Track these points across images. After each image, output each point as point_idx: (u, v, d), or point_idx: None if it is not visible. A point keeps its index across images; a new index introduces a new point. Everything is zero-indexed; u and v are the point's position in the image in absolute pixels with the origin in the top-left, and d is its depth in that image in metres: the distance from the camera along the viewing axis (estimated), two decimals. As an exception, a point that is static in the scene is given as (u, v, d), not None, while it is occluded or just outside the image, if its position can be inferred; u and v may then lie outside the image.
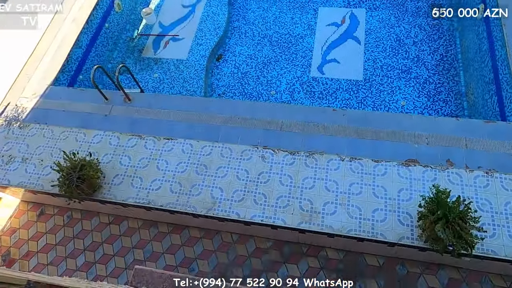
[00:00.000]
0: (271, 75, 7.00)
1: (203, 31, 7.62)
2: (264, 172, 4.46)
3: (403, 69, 6.65)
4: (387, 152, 4.40)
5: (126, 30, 7.97)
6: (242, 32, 7.75)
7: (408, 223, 3.94)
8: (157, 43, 7.66)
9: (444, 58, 6.70)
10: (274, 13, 7.92)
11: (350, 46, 7.11)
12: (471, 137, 4.40)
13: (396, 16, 7.38)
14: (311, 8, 7.83)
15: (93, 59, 6.98)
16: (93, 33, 6.96)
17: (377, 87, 6.51)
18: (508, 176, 4.05)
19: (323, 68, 6.90)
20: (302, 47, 7.26)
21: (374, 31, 7.23)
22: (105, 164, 4.80)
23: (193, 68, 7.08)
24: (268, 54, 7.29)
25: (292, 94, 6.68)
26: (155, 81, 7.09)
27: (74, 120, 5.31)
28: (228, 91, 6.92)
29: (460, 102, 6.18)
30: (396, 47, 6.94)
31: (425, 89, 6.39)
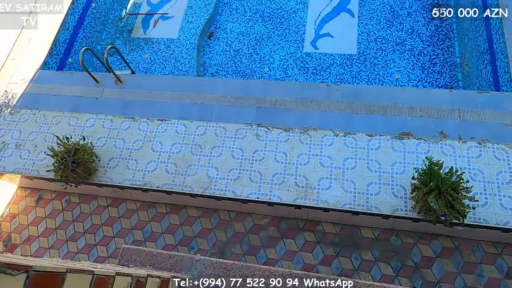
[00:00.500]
0: (264, 52, 6.88)
1: (193, 8, 7.43)
2: (259, 150, 4.47)
3: (397, 42, 6.56)
4: (381, 126, 4.41)
5: (114, 10, 7.75)
6: (233, 8, 7.56)
7: (401, 195, 3.99)
8: (146, 23, 7.48)
9: (439, 28, 6.60)
10: (260, 6, 7.70)
11: (343, 19, 6.97)
12: (465, 108, 4.39)
13: (390, -14, 7.20)
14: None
15: (81, 41, 6.83)
16: (80, 14, 6.77)
17: (371, 60, 6.44)
18: (500, 146, 4.08)
19: (317, 43, 6.79)
20: (295, 22, 7.12)
21: (367, 3, 7.06)
22: (99, 147, 4.78)
23: (184, 47, 6.95)
24: (261, 30, 7.15)
25: (286, 70, 6.60)
26: (146, 62, 6.97)
27: (66, 104, 5.25)
28: (220, 69, 6.83)
29: (454, 74, 6.13)
30: (390, 19, 6.82)
31: (419, 61, 6.32)
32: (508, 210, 3.77)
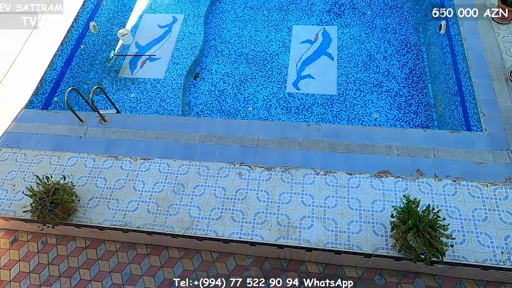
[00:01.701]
0: (248, 92, 7.12)
1: (179, 50, 7.71)
2: (241, 189, 4.50)
3: (374, 83, 6.90)
4: (360, 164, 4.53)
5: (102, 51, 7.97)
6: (218, 50, 7.89)
7: (382, 233, 4.03)
8: (133, 63, 7.69)
9: (413, 71, 7.00)
10: (250, 31, 8.12)
11: (323, 62, 7.33)
12: (439, 146, 4.58)
13: (366, 32, 7.69)
14: (285, 26, 8.07)
15: (68, 80, 6.94)
16: (68, 55, 6.93)
17: (351, 101, 6.72)
18: (474, 183, 4.22)
19: (299, 84, 7.08)
20: (278, 64, 7.45)
21: (346, 47, 7.49)
22: (80, 187, 4.72)
23: (170, 87, 7.13)
24: (245, 71, 7.43)
25: (269, 110, 6.80)
26: (132, 101, 7.09)
27: (48, 143, 5.23)
28: (206, 109, 6.98)
29: (429, 113, 6.44)
30: (367, 62, 7.21)
31: (396, 101, 6.63)
32: (485, 247, 3.83)
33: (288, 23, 8.13)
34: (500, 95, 4.89)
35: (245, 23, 8.29)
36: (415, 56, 7.21)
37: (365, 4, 8.23)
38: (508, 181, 4.22)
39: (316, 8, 8.32)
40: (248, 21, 8.31)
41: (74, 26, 7.01)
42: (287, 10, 8.39)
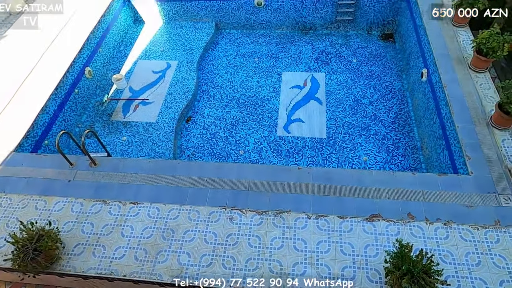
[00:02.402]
0: (239, 135, 7.22)
1: (172, 94, 7.90)
2: (232, 234, 4.41)
3: (362, 127, 7.10)
4: (352, 208, 4.53)
5: (96, 95, 8.12)
6: (210, 95, 8.11)
7: (377, 279, 3.94)
8: (126, 107, 7.82)
9: (399, 116, 7.26)
10: (241, 77, 8.42)
11: (313, 106, 7.57)
12: (428, 190, 4.64)
13: (353, 79, 8.06)
14: (275, 73, 8.41)
15: (60, 123, 6.97)
16: (62, 99, 7.03)
17: (340, 144, 6.86)
18: (464, 226, 4.24)
19: (289, 127, 7.24)
20: (268, 108, 7.65)
21: (334, 93, 7.79)
22: (65, 233, 4.57)
23: (162, 130, 7.20)
24: (236, 115, 7.60)
25: (260, 153, 6.87)
26: (123, 144, 7.10)
27: (35, 187, 5.13)
28: (197, 152, 7.02)
29: (417, 156, 6.58)
30: (354, 107, 7.47)
31: (384, 144, 6.79)
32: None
33: (278, 69, 8.49)
34: (483, 139, 5.07)
35: (236, 69, 8.62)
36: (400, 101, 7.51)
37: (351, 52, 8.70)
38: (498, 224, 4.24)
39: (304, 56, 8.75)
40: (240, 68, 8.65)
41: (70, 71, 7.18)
42: (277, 58, 8.80)
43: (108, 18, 8.68)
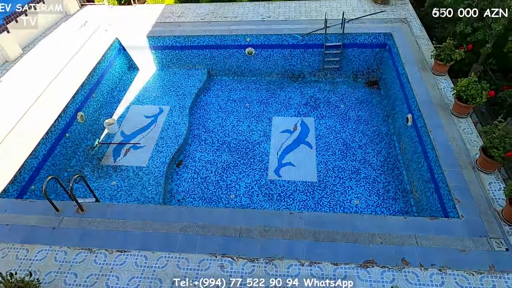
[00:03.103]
0: (230, 179, 7.20)
1: (164, 139, 7.95)
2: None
3: (352, 170, 7.17)
4: (345, 253, 4.44)
5: (87, 139, 8.11)
6: (202, 139, 8.19)
7: (374, 331, 3.77)
8: (117, 151, 7.80)
9: (387, 159, 7.39)
10: (232, 122, 8.58)
11: (303, 150, 7.68)
12: (420, 234, 4.61)
13: (341, 123, 8.28)
14: (266, 117, 8.61)
15: (48, 168, 6.88)
16: (52, 143, 7.00)
17: (331, 187, 6.87)
18: (460, 272, 4.16)
19: (280, 171, 7.27)
20: (259, 152, 7.73)
21: (323, 137, 7.96)
22: (46, 284, 4.33)
23: (152, 175, 7.14)
24: (227, 159, 7.63)
25: (251, 197, 6.82)
26: (112, 189, 6.99)
27: (18, 235, 4.93)
28: (187, 196, 6.93)
29: (407, 199, 6.61)
30: (344, 151, 7.60)
31: (374, 188, 6.83)
32: None
33: (268, 114, 8.70)
34: (470, 183, 5.16)
35: (228, 114, 8.81)
36: (388, 145, 7.69)
37: (338, 98, 9.03)
38: (492, 269, 4.19)
39: (293, 101, 9.04)
40: (231, 112, 8.84)
41: (62, 116, 7.23)
42: (267, 103, 9.05)
43: (103, 65, 8.94)
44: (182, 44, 9.50)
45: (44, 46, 9.27)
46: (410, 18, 9.18)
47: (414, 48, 8.11)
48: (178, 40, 9.45)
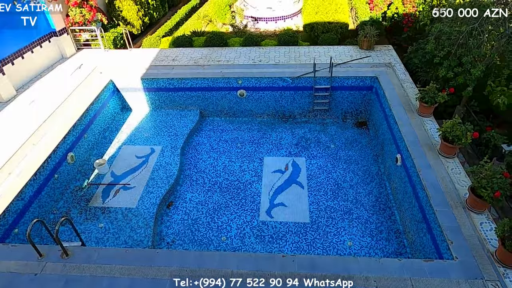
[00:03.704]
0: (221, 220, 7.08)
1: (155, 179, 7.88)
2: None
3: (345, 211, 7.14)
4: (340, 299, 4.29)
5: (76, 180, 7.99)
6: (193, 179, 8.13)
7: None
8: (106, 192, 7.66)
9: (379, 199, 7.40)
10: (224, 161, 8.60)
11: (295, 190, 7.66)
12: (416, 277, 4.52)
13: (332, 163, 8.36)
14: (257, 157, 8.66)
15: (34, 210, 6.69)
16: (40, 185, 6.87)
17: (324, 228, 6.78)
18: (458, 318, 4.04)
19: (272, 212, 7.19)
20: (251, 193, 7.67)
21: (314, 177, 7.99)
22: (23, 337, 4.05)
23: (141, 217, 6.98)
24: (218, 200, 7.55)
25: (243, 239, 6.67)
26: (99, 232, 6.77)
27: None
28: (177, 239, 6.75)
29: (400, 240, 6.54)
30: (335, 191, 7.61)
31: (367, 228, 6.76)
32: None
33: (260, 154, 8.76)
34: (462, 223, 5.16)
35: (219, 154, 8.85)
36: (379, 185, 7.73)
37: (328, 138, 9.20)
38: (491, 314, 4.08)
39: (285, 141, 9.16)
40: (223, 153, 8.89)
41: (52, 156, 7.17)
42: (259, 143, 9.16)
43: (96, 106, 9.05)
44: (175, 86, 9.75)
45: (39, 87, 9.40)
46: (394, 63, 9.65)
47: (400, 90, 8.45)
48: (172, 82, 9.70)
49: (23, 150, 7.12)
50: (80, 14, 10.79)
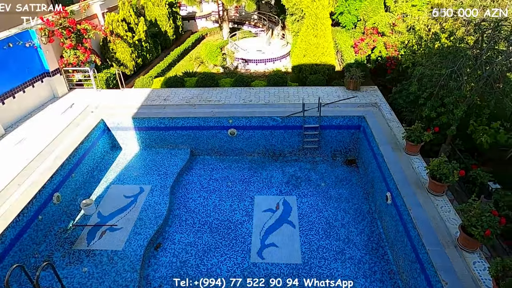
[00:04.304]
0: (211, 262, 6.85)
1: (143, 220, 7.69)
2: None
3: (337, 251, 7.01)
4: None
5: (61, 221, 7.73)
6: (182, 219, 7.96)
7: None
8: (92, 234, 7.41)
9: (371, 238, 7.31)
10: (214, 201, 8.49)
11: (286, 230, 7.54)
12: (412, 321, 4.37)
13: (323, 202, 8.33)
14: (248, 196, 8.59)
15: (14, 254, 6.39)
16: (22, 227, 6.62)
17: (317, 270, 6.61)
18: None
19: (263, 252, 7.01)
20: (242, 233, 7.52)
21: (306, 216, 7.91)
22: None
23: (128, 259, 6.72)
24: (208, 240, 7.35)
25: (233, 283, 6.41)
26: (83, 276, 6.45)
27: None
28: (164, 283, 6.46)
29: (395, 281, 6.39)
30: (327, 230, 7.51)
31: (361, 269, 6.61)
32: None
33: (251, 193, 8.70)
34: (455, 262, 5.11)
35: (210, 193, 8.75)
36: (370, 223, 7.68)
37: (319, 177, 9.23)
38: None
39: (275, 180, 9.15)
40: (213, 192, 8.80)
41: (37, 197, 6.99)
42: (249, 182, 9.12)
43: (86, 145, 9.00)
44: (166, 125, 9.83)
45: (28, 126, 9.37)
46: (380, 103, 9.99)
47: (386, 129, 8.68)
48: (163, 122, 9.79)
49: (7, 191, 6.94)
50: (74, 55, 11.05)
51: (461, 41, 8.29)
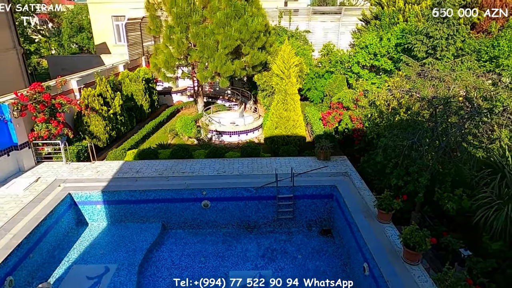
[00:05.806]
0: None
1: (106, 304, 6.98)
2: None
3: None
4: None
5: (11, 311, 6.88)
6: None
7: None
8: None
9: (352, 314, 6.96)
10: (185, 279, 7.94)
11: (263, 309, 7.06)
12: None
13: (301, 275, 8.00)
14: (222, 272, 8.14)
15: None
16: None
17: None
18: None
19: (238, 337, 6.43)
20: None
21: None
22: None
23: None
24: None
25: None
26: None
27: None
28: None
29: None
30: (306, 307, 7.10)
31: None
32: None
33: (225, 269, 8.27)
34: (438, 338, 4.91)
35: (181, 271, 8.23)
36: (350, 298, 7.37)
37: (295, 248, 9.01)
38: None
39: (250, 253, 8.82)
40: (185, 269, 8.30)
41: (-14, 283, 6.29)
42: (223, 256, 8.73)
43: (49, 222, 8.46)
44: (137, 198, 9.55)
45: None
46: (350, 172, 10.34)
47: (358, 198, 8.86)
48: (134, 195, 9.52)
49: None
50: (46, 129, 10.97)
51: (418, 115, 9.06)
